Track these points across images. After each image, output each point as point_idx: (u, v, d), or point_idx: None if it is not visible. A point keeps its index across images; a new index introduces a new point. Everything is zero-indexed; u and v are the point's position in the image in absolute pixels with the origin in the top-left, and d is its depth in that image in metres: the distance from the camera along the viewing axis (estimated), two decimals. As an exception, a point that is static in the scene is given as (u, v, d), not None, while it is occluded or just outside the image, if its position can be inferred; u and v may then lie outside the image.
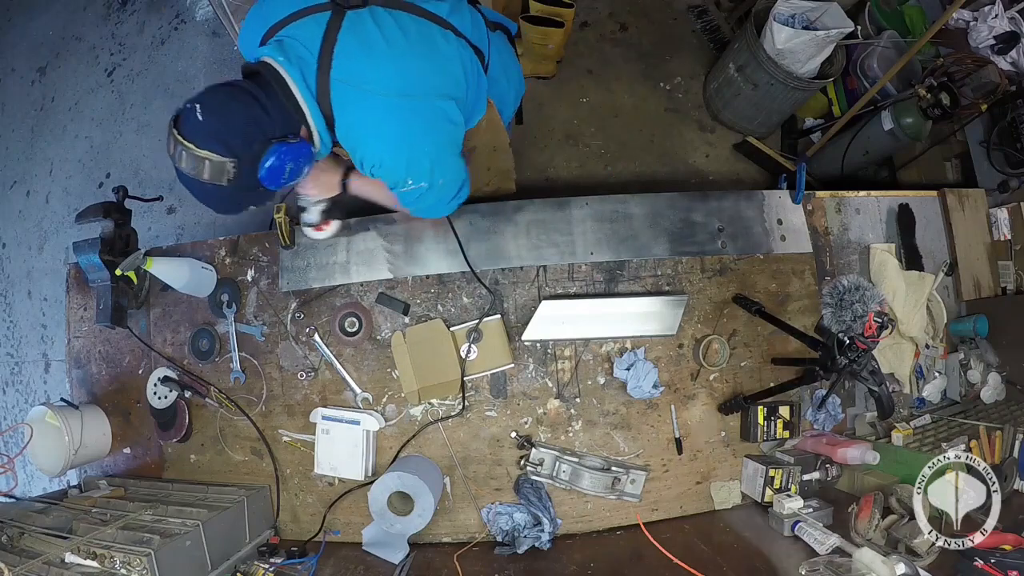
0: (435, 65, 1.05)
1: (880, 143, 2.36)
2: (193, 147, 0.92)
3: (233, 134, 0.94)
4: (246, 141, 0.95)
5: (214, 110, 0.94)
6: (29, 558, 1.11)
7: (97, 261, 1.44)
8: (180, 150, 0.93)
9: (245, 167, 0.95)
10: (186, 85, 3.00)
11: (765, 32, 2.24)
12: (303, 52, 0.99)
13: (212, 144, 0.92)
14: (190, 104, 0.93)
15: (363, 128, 1.04)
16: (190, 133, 0.92)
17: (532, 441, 1.45)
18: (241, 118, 0.95)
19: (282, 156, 0.97)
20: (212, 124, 0.93)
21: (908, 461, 1.32)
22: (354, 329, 1.48)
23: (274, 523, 1.48)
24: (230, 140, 0.93)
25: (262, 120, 0.96)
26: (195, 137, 0.92)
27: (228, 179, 0.94)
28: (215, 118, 0.93)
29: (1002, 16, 2.27)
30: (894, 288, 1.54)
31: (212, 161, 0.92)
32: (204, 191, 0.97)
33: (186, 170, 0.94)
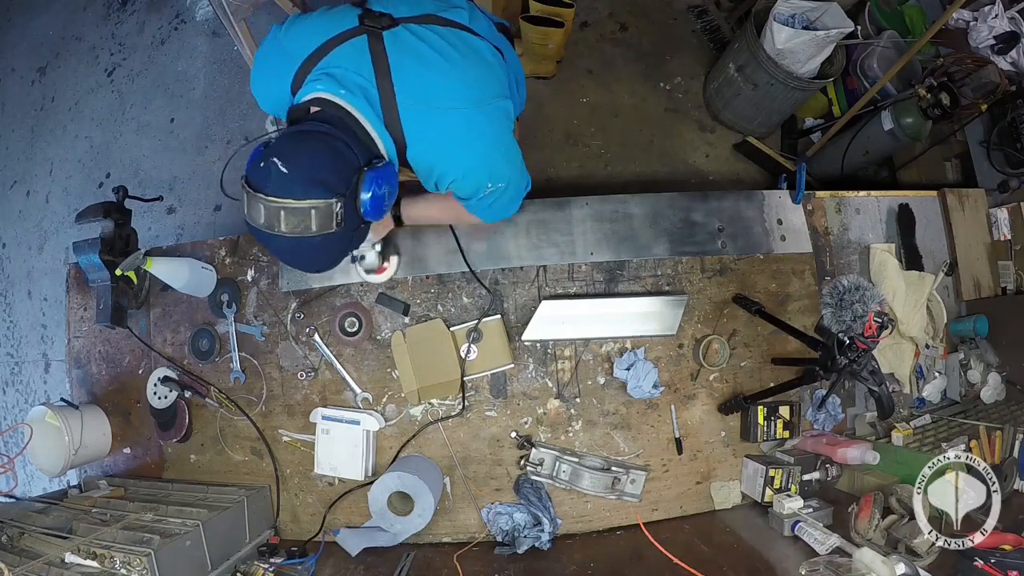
0: (486, 69, 1.03)
1: (880, 143, 2.36)
2: (291, 201, 0.83)
3: (327, 173, 0.87)
4: (341, 177, 0.88)
5: (296, 156, 0.86)
6: (29, 558, 1.11)
7: (97, 261, 1.44)
8: (277, 211, 0.83)
9: (349, 204, 0.88)
10: (186, 85, 3.01)
11: (765, 32, 2.24)
12: (359, 80, 0.94)
13: (313, 190, 0.84)
14: (264, 161, 0.85)
15: (444, 144, 1.00)
16: (281, 189, 0.84)
17: (532, 441, 1.45)
18: (326, 155, 0.88)
19: (379, 181, 0.92)
20: (302, 170, 0.85)
21: (908, 461, 1.32)
22: (354, 329, 1.48)
23: (274, 523, 1.48)
24: (328, 180, 0.86)
25: (345, 153, 0.90)
26: (290, 191, 0.84)
27: (338, 223, 0.87)
28: (302, 163, 0.86)
29: (1002, 16, 2.27)
30: (894, 288, 1.54)
31: (319, 208, 0.85)
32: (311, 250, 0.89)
33: (290, 231, 0.85)
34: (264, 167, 0.84)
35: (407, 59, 0.96)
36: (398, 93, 0.95)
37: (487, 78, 1.02)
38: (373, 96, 0.95)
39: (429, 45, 0.97)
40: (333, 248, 0.94)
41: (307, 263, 0.96)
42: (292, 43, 1.00)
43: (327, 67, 0.96)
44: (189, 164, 2.88)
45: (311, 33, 0.98)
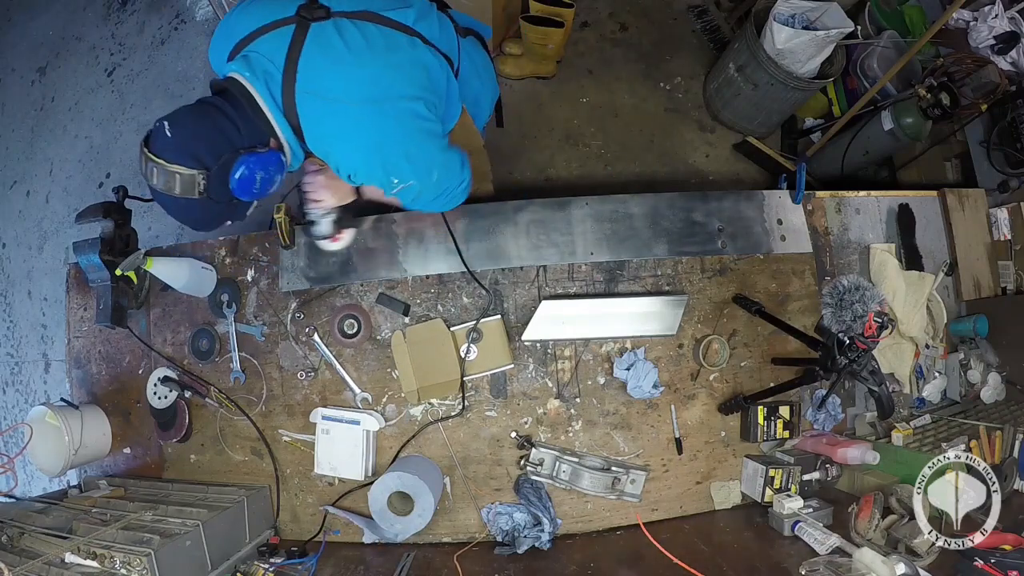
0: (399, 70, 1.05)
1: (880, 143, 2.36)
2: (163, 162, 0.93)
3: (201, 147, 0.95)
4: (214, 153, 0.96)
5: (181, 125, 0.96)
6: (29, 558, 1.11)
7: (97, 261, 1.44)
8: (151, 167, 0.94)
9: (215, 179, 0.96)
10: (186, 85, 3.00)
11: (765, 32, 2.24)
12: (268, 66, 1.00)
13: (180, 157, 0.94)
14: (159, 122, 0.95)
15: (333, 137, 1.05)
16: (159, 149, 0.94)
17: (532, 441, 1.45)
18: (208, 131, 0.97)
19: (251, 166, 0.99)
20: (179, 138, 0.95)
21: (908, 461, 1.32)
22: (353, 331, 1.48)
23: (274, 523, 1.48)
24: (198, 152, 0.95)
25: (230, 133, 0.98)
26: (164, 152, 0.94)
27: (199, 191, 0.96)
28: (182, 132, 0.95)
29: (1002, 16, 2.27)
30: (894, 288, 1.54)
31: (182, 175, 0.94)
32: (179, 207, 0.99)
33: (158, 186, 0.95)
34: (157, 127, 0.95)
35: (317, 51, 1.00)
36: (298, 82, 1.00)
37: (394, 78, 1.04)
38: (276, 83, 1.00)
39: (344, 40, 1.01)
40: (205, 211, 1.01)
41: (181, 216, 1.03)
42: (237, 22, 1.06)
43: (248, 50, 1.03)
44: (189, 164, 2.88)
45: (253, 16, 1.04)
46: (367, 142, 1.05)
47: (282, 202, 1.42)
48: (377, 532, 1.39)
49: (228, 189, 0.99)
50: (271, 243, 1.54)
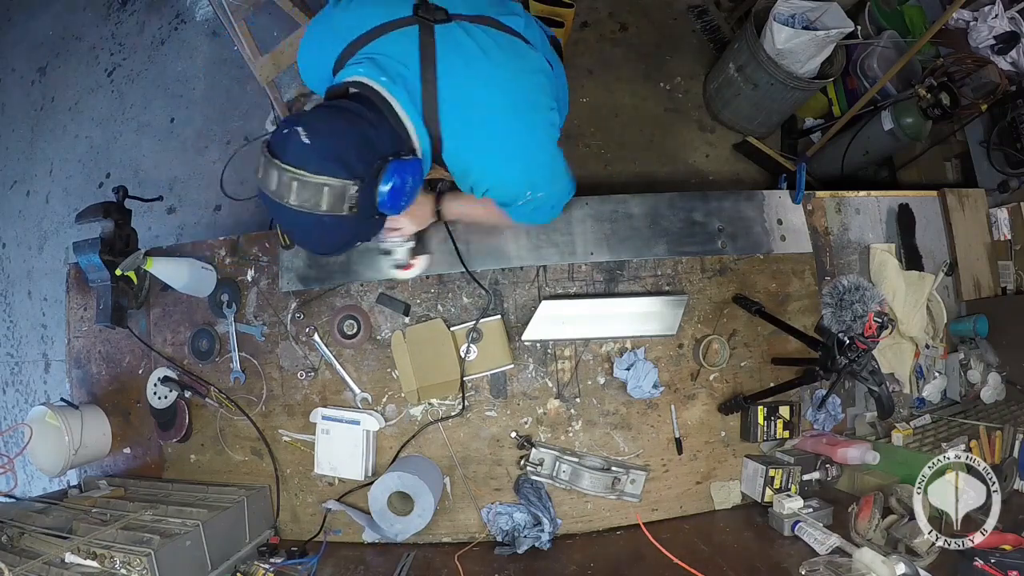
0: (533, 77, 1.00)
1: (880, 143, 2.36)
2: (306, 174, 0.79)
3: (351, 153, 0.83)
4: (363, 160, 0.84)
5: (321, 131, 0.82)
6: (29, 558, 1.11)
7: (97, 261, 1.44)
8: (288, 181, 0.79)
9: (366, 191, 0.84)
10: (186, 85, 3.01)
11: (765, 32, 2.24)
12: (402, 70, 0.91)
13: (330, 166, 0.80)
14: (288, 128, 0.81)
15: (483, 148, 0.97)
16: (298, 159, 0.79)
17: (532, 441, 1.45)
18: (353, 137, 0.84)
19: (403, 174, 0.87)
20: (323, 144, 0.81)
21: (908, 461, 1.32)
22: (353, 331, 1.48)
23: (274, 523, 1.48)
24: (348, 159, 0.82)
25: (373, 138, 0.86)
26: (306, 162, 0.79)
27: (350, 207, 0.83)
28: (325, 138, 0.81)
29: (1002, 16, 2.27)
30: (894, 288, 1.54)
31: (332, 186, 0.80)
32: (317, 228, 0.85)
33: (298, 204, 0.80)
34: (287, 134, 0.81)
35: (455, 56, 0.92)
36: (440, 89, 0.91)
37: (534, 87, 0.99)
38: (415, 88, 0.91)
39: (479, 46, 0.94)
40: (342, 232, 0.88)
41: (311, 241, 0.91)
42: (343, 22, 0.97)
43: (372, 52, 0.93)
44: (189, 164, 2.89)
45: (363, 15, 0.95)
46: (517, 154, 0.98)
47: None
48: (377, 531, 1.39)
49: (375, 204, 0.86)
50: (271, 243, 1.54)
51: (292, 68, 2.67)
